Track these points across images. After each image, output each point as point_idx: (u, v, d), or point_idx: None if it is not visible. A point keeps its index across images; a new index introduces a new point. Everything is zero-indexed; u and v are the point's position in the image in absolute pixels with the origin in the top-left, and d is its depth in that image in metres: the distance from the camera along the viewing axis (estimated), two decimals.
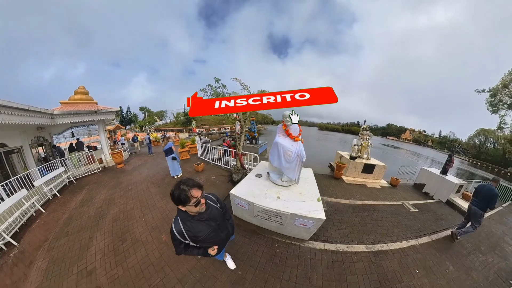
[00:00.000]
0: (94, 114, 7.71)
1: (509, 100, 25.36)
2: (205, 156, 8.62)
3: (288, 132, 3.71)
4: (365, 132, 8.77)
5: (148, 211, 4.15)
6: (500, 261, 3.93)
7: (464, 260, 3.82)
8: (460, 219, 5.62)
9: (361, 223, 4.50)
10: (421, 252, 3.79)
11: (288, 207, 3.22)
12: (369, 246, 3.67)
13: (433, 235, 4.58)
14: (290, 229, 3.34)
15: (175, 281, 2.46)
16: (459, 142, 61.78)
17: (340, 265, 3.04)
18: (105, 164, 8.53)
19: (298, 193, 3.64)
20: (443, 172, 7.60)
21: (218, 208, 1.84)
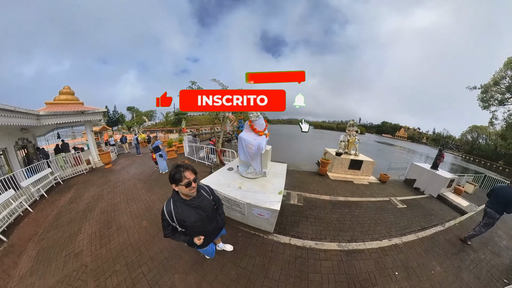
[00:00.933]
0: (81, 115, 7.69)
1: (500, 96, 25.97)
2: (194, 155, 8.88)
3: (253, 127, 3.94)
4: (352, 128, 8.64)
5: (133, 203, 4.56)
6: (493, 258, 3.77)
7: (453, 259, 3.57)
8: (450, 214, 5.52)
9: (339, 220, 4.33)
10: (405, 252, 3.57)
11: (246, 196, 3.38)
12: (343, 244, 3.50)
13: (420, 232, 4.33)
14: (252, 219, 3.44)
15: (147, 258, 2.89)
16: (453, 139, 63.45)
17: (303, 261, 2.96)
18: (93, 165, 8.55)
19: (261, 185, 3.77)
20: (434, 167, 7.52)
21: (210, 200, 1.90)
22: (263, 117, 4.13)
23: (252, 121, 3.95)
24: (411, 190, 7.46)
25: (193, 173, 1.66)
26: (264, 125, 4.01)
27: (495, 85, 25.45)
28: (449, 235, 4.39)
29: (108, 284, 2.48)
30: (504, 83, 25.26)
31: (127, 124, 39.39)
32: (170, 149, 9.79)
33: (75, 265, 2.87)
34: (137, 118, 40.89)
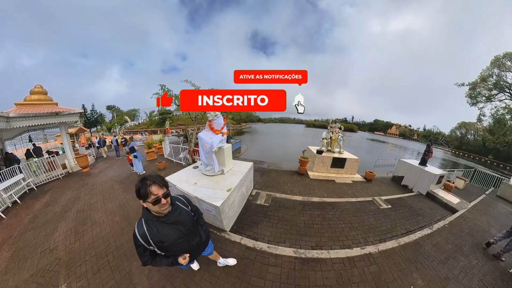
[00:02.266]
0: (55, 117, 7.42)
1: (487, 92, 26.93)
2: (177, 157, 8.95)
3: (211, 126, 4.06)
4: (334, 124, 8.30)
5: (109, 201, 4.83)
6: (486, 262, 3.43)
7: (439, 269, 3.10)
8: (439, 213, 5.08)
9: (306, 223, 4.01)
10: (379, 262, 3.10)
11: (196, 191, 3.51)
12: (301, 251, 3.18)
13: (403, 237, 3.81)
14: (207, 215, 3.48)
15: (114, 248, 3.18)
16: (443, 135, 65.41)
17: (249, 263, 2.85)
18: (69, 169, 8.36)
19: (215, 182, 3.85)
20: (422, 163, 7.20)
21: (188, 212, 1.69)
22: (222, 116, 4.20)
23: (210, 120, 4.06)
24: (399, 188, 7.11)
25: (163, 187, 1.41)
26: (222, 124, 4.12)
27: (482, 81, 26.32)
28: (437, 239, 3.89)
29: (77, 272, 2.75)
30: (491, 80, 26.18)
31: (107, 125, 37.31)
32: (149, 150, 9.76)
33: (50, 259, 3.07)
34: (118, 118, 38.90)
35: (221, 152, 4.29)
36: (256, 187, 5.69)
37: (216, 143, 3.92)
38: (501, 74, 24.64)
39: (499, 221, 5.23)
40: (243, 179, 4.24)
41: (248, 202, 4.65)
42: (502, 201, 7.10)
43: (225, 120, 4.23)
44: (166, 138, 11.74)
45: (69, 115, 7.79)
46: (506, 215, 5.75)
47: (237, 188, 3.86)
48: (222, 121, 4.12)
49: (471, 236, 4.18)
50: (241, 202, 4.31)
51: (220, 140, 4.04)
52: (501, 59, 23.87)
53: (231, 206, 3.60)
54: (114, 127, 33.46)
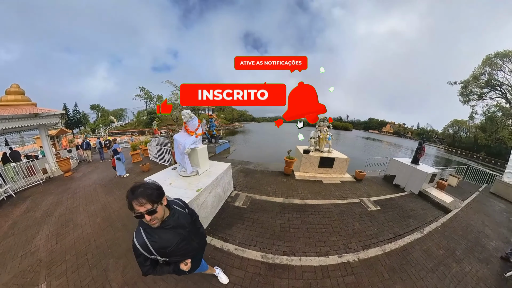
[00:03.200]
0: (34, 118, 7.15)
1: (478, 91, 27.71)
2: (162, 159, 8.86)
3: (186, 127, 4.19)
4: (323, 123, 8.04)
5: (91, 204, 4.92)
6: (481, 267, 3.22)
7: (428, 279, 2.81)
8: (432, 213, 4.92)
9: (283, 226, 3.87)
10: (358, 273, 2.82)
11: (168, 191, 3.53)
12: (270, 256, 3.07)
13: (389, 243, 3.51)
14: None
15: (94, 247, 3.35)
16: (436, 133, 67.01)
17: (214, 263, 2.85)
18: (50, 174, 8.09)
19: (188, 183, 3.93)
20: (414, 161, 7.01)
21: (186, 214, 1.69)
22: (197, 117, 4.30)
23: (185, 122, 4.17)
24: (391, 187, 6.89)
25: (146, 203, 1.28)
26: (197, 125, 4.21)
27: (474, 80, 27.07)
28: (428, 244, 3.62)
29: (57, 271, 2.85)
30: (483, 78, 26.92)
31: (91, 126, 35.90)
32: (134, 152, 9.61)
33: (31, 261, 3.13)
34: (103, 118, 37.44)
35: (195, 153, 4.31)
36: (237, 189, 5.53)
37: (189, 145, 4.02)
38: (493, 73, 25.41)
39: (494, 219, 5.08)
40: (217, 180, 4.25)
41: (225, 204, 4.61)
42: (495, 198, 7.01)
43: (199, 122, 4.37)
44: (153, 139, 11.46)
45: (49, 117, 7.51)
46: (499, 213, 5.62)
47: (209, 189, 3.88)
48: (196, 122, 4.26)
49: (464, 238, 3.95)
50: (217, 203, 4.29)
51: (193, 142, 4.12)
52: (492, 58, 24.60)
53: (202, 207, 3.60)
54: (98, 128, 32.25)
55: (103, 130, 31.54)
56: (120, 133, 31.30)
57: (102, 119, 36.97)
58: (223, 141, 15.03)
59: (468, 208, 5.56)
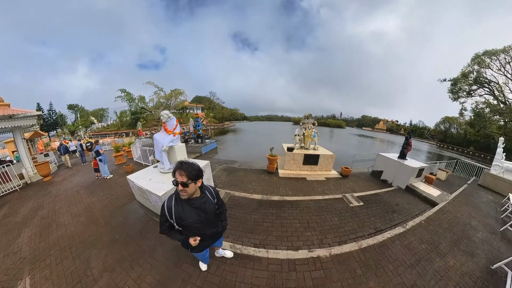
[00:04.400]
0: (8, 120, 6.94)
1: (467, 88, 28.96)
2: (147, 160, 8.94)
3: (165, 127, 4.51)
4: (307, 120, 8.11)
5: (74, 205, 4.99)
6: (466, 260, 3.17)
7: (406, 275, 2.73)
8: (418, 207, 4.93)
9: (256, 221, 3.97)
10: (328, 268, 2.80)
11: (148, 185, 4.01)
12: (238, 246, 3.23)
13: (367, 238, 3.46)
14: (158, 208, 3.89)
15: (78, 242, 3.54)
16: (428, 129, 70.22)
17: (186, 252, 2.84)
18: (28, 180, 7.78)
19: (166, 178, 4.26)
20: (401, 156, 7.11)
21: (213, 203, 1.91)
22: (175, 118, 4.65)
23: (164, 122, 4.50)
24: (378, 183, 6.93)
25: (184, 176, 1.59)
26: (174, 125, 4.57)
27: (463, 77, 28.23)
28: (410, 238, 3.56)
29: (41, 265, 3.01)
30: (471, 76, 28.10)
31: (70, 127, 34.32)
32: (118, 153, 9.69)
33: (14, 260, 3.21)
34: (83, 119, 35.90)
35: (173, 151, 4.60)
36: (218, 186, 5.64)
37: (166, 143, 4.36)
38: (481, 71, 26.50)
39: (481, 211, 5.18)
40: None
41: None
42: (483, 190, 7.23)
43: (177, 121, 4.69)
44: (138, 140, 11.46)
45: (25, 118, 7.20)
46: (487, 204, 5.76)
47: None
48: (174, 122, 4.59)
49: (450, 231, 3.95)
50: None
51: (170, 140, 4.46)
52: (481, 56, 25.63)
53: None
54: (78, 130, 30.96)
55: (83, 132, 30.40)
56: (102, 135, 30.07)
57: (82, 120, 35.38)
58: (210, 141, 14.76)
59: (456, 200, 5.65)
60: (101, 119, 43.78)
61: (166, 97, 13.88)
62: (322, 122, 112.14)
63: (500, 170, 7.71)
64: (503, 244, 3.67)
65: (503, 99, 25.61)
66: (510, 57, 23.05)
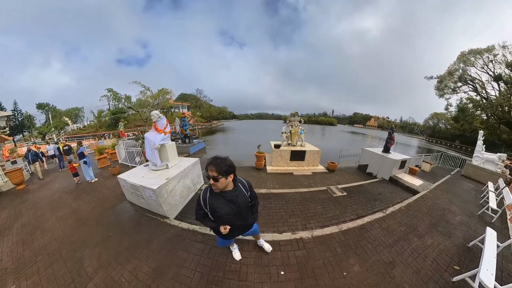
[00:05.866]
0: None
1: (453, 85, 31.18)
2: (133, 161, 9.01)
3: (156, 126, 4.87)
4: (294, 118, 8.62)
5: (59, 210, 4.90)
6: (443, 240, 3.52)
7: (384, 253, 3.08)
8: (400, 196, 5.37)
9: None
10: (310, 248, 3.15)
11: (141, 181, 4.24)
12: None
13: (346, 223, 3.84)
14: (151, 203, 4.22)
15: (68, 244, 3.52)
16: (417, 125, 74.75)
17: (180, 240, 3.43)
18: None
19: (158, 175, 4.56)
20: (385, 150, 7.77)
21: (246, 196, 2.06)
22: (165, 117, 5.06)
23: (155, 121, 4.87)
24: (363, 176, 7.48)
25: (216, 172, 1.72)
26: (165, 124, 4.95)
27: (449, 75, 30.36)
28: (389, 222, 3.99)
29: (28, 272, 2.95)
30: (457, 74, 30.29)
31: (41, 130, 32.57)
32: (101, 156, 9.62)
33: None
34: (56, 120, 34.22)
35: (165, 149, 4.94)
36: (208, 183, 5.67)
37: (158, 141, 4.70)
38: (466, 69, 28.61)
39: (461, 197, 5.78)
40: (185, 171, 4.91)
41: (195, 196, 5.14)
42: (465, 180, 8.04)
43: (167, 121, 5.06)
44: (121, 142, 11.18)
45: None
46: (467, 191, 6.45)
47: (177, 178, 4.54)
48: (165, 121, 4.98)
49: (429, 215, 4.38)
50: (186, 193, 4.91)
51: (162, 138, 4.80)
52: (466, 55, 27.67)
53: (171, 194, 4.25)
54: (50, 132, 29.56)
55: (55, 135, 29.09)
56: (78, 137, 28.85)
57: (55, 122, 33.68)
58: (198, 140, 14.81)
59: (437, 189, 6.27)
60: (76, 120, 41.79)
61: (153, 97, 13.75)
62: (314, 120, 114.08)
63: (481, 161, 8.65)
64: (479, 226, 4.12)
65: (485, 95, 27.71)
66: (493, 55, 24.86)
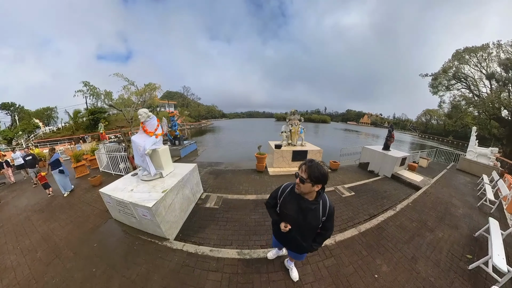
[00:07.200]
0: None
1: (447, 82, 33.26)
2: (117, 168, 8.39)
3: (144, 128, 4.33)
4: (293, 116, 8.74)
5: (25, 238, 4.25)
6: (452, 232, 3.90)
7: (405, 250, 3.34)
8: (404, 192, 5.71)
9: (257, 221, 4.13)
10: (337, 254, 3.19)
11: (131, 196, 3.64)
12: (246, 251, 3.23)
13: (365, 223, 4.05)
14: (146, 223, 3.67)
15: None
16: (410, 122, 78.82)
17: (189, 270, 2.91)
18: None
19: (152, 186, 4.01)
20: (385, 148, 8.19)
21: (318, 219, 1.89)
22: (155, 117, 4.49)
23: (143, 122, 4.32)
24: (365, 174, 7.81)
25: (307, 174, 1.68)
26: (156, 125, 4.40)
27: (444, 72, 32.26)
28: (401, 219, 4.26)
29: None
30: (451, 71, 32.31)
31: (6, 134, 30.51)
32: (79, 164, 8.60)
33: None
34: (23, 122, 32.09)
35: (157, 154, 4.40)
36: (207, 190, 5.68)
37: (149, 146, 4.14)
38: (460, 66, 30.53)
39: (460, 190, 6.32)
40: (183, 180, 4.41)
41: (196, 207, 4.75)
42: (461, 173, 8.71)
43: (158, 121, 4.53)
44: (101, 146, 10.53)
45: None
46: (464, 185, 7.03)
47: (176, 190, 4.01)
48: (155, 122, 4.42)
49: (434, 209, 4.79)
50: (186, 206, 4.43)
51: (153, 142, 4.26)
52: (461, 52, 29.42)
53: (170, 209, 3.69)
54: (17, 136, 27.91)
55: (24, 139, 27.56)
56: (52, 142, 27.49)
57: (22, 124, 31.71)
58: (189, 142, 14.61)
59: (437, 184, 6.75)
60: (48, 122, 39.73)
61: (139, 93, 12.68)
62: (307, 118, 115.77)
63: (474, 155, 9.42)
64: (481, 217, 4.64)
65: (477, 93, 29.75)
66: (487, 54, 26.61)
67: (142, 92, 12.72)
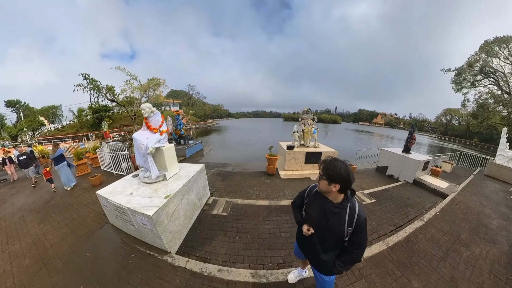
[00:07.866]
0: None
1: (472, 78, 30.93)
2: (119, 168, 8.44)
3: (148, 124, 4.16)
4: (306, 115, 8.46)
5: (16, 241, 4.15)
6: (490, 248, 3.56)
7: (441, 268, 3.04)
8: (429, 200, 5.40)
9: (272, 232, 3.86)
10: (368, 274, 2.87)
11: (130, 201, 3.41)
12: (262, 272, 2.85)
13: (391, 236, 3.77)
14: (145, 233, 3.42)
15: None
16: (428, 122, 76.82)
17: None
18: None
19: (154, 190, 3.80)
20: (406, 150, 7.79)
21: (343, 226, 1.70)
22: (160, 112, 4.32)
23: (146, 117, 4.15)
24: (384, 178, 7.48)
25: (322, 170, 1.65)
26: (160, 121, 4.22)
27: (469, 67, 30.04)
28: (431, 231, 3.96)
29: None
30: (477, 65, 29.89)
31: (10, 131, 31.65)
32: (80, 162, 8.80)
33: None
34: (28, 119, 33.37)
35: (161, 153, 4.17)
36: (215, 194, 5.52)
37: (152, 143, 3.92)
38: (488, 60, 28.17)
39: (492, 199, 5.85)
40: (189, 184, 4.16)
41: (202, 213, 4.53)
42: (490, 180, 8.12)
43: (162, 117, 4.36)
44: (105, 144, 10.85)
45: None
46: (496, 193, 6.51)
47: (180, 194, 3.74)
48: (160, 118, 4.25)
49: (466, 220, 4.44)
50: (191, 213, 4.15)
51: (157, 140, 4.05)
52: (490, 44, 26.97)
53: (173, 217, 3.43)
54: (22, 133, 28.81)
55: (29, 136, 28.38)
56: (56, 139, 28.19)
57: (26, 121, 32.77)
58: (194, 141, 14.61)
59: (465, 191, 6.32)
60: (53, 120, 41.05)
61: (142, 88, 12.56)
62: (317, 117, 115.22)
63: (505, 160, 8.77)
64: None
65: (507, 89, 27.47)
66: None
67: (145, 88, 12.51)
